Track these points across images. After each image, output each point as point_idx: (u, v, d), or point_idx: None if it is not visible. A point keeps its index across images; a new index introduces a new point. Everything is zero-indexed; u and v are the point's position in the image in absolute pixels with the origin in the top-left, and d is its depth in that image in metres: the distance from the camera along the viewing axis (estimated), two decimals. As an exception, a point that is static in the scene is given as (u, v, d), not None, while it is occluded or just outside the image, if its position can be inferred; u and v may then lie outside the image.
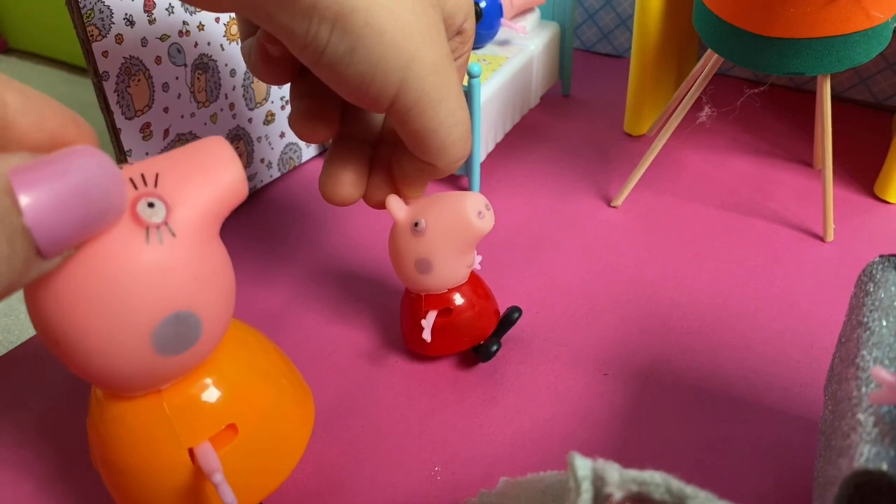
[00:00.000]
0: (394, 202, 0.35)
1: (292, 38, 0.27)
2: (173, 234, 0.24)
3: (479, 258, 0.39)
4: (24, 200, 0.19)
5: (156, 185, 0.24)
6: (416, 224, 0.34)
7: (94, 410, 0.28)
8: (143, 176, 0.24)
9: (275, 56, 0.31)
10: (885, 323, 0.26)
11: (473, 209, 0.34)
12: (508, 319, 0.38)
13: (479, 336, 0.37)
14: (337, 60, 0.27)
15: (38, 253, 0.20)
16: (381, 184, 0.35)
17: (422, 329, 0.36)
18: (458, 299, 0.36)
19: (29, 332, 0.41)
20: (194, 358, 0.26)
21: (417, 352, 0.38)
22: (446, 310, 0.36)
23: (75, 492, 0.33)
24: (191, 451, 0.27)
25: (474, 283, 0.37)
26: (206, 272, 0.25)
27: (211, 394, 0.27)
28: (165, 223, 0.24)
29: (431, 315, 0.36)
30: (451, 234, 0.34)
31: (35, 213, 0.19)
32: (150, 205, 0.23)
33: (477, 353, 0.37)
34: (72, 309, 0.23)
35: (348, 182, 0.35)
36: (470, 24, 0.32)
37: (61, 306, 0.23)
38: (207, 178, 0.25)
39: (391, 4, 0.27)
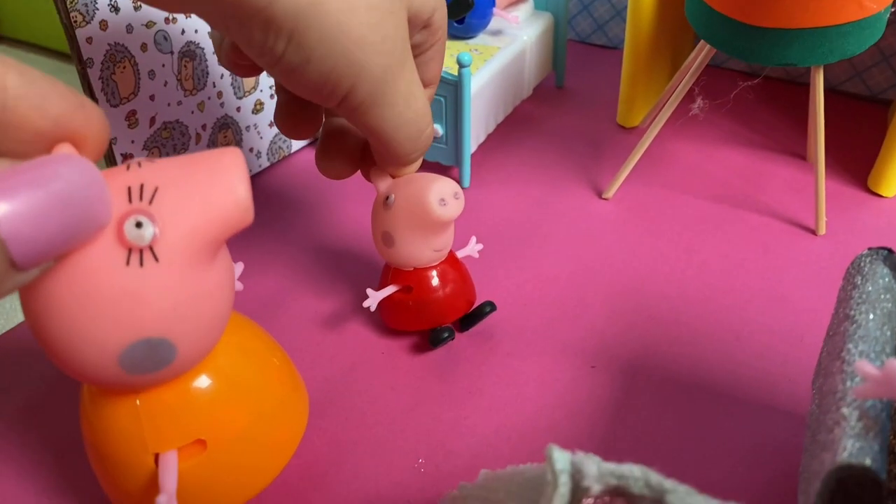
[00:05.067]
0: (377, 174, 0.36)
1: (249, 46, 0.27)
2: (156, 260, 0.22)
3: (479, 246, 0.39)
4: None
5: (151, 200, 0.22)
6: (387, 198, 0.35)
7: (83, 392, 0.28)
8: (141, 188, 0.23)
9: (244, 64, 0.32)
10: (871, 316, 0.26)
11: (436, 195, 0.33)
12: (479, 312, 0.38)
13: (439, 320, 0.37)
14: (292, 69, 0.28)
15: (12, 265, 0.19)
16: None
17: (390, 301, 0.37)
18: (423, 280, 0.36)
19: (15, 320, 0.41)
20: (168, 375, 0.25)
21: (382, 321, 0.39)
22: (407, 287, 0.36)
23: (58, 480, 0.33)
24: (157, 457, 0.26)
25: (446, 269, 0.37)
26: (188, 301, 0.23)
27: (186, 404, 0.26)
28: (150, 247, 0.22)
29: (387, 289, 0.36)
30: (413, 216, 0.34)
31: (10, 224, 0.18)
32: (139, 224, 0.22)
33: (429, 337, 0.37)
34: (44, 315, 0.22)
35: (340, 164, 0.36)
36: (439, 17, 0.33)
37: (36, 309, 0.22)
38: (208, 203, 0.23)
39: (346, 19, 0.27)
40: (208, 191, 0.23)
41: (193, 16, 0.43)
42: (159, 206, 0.23)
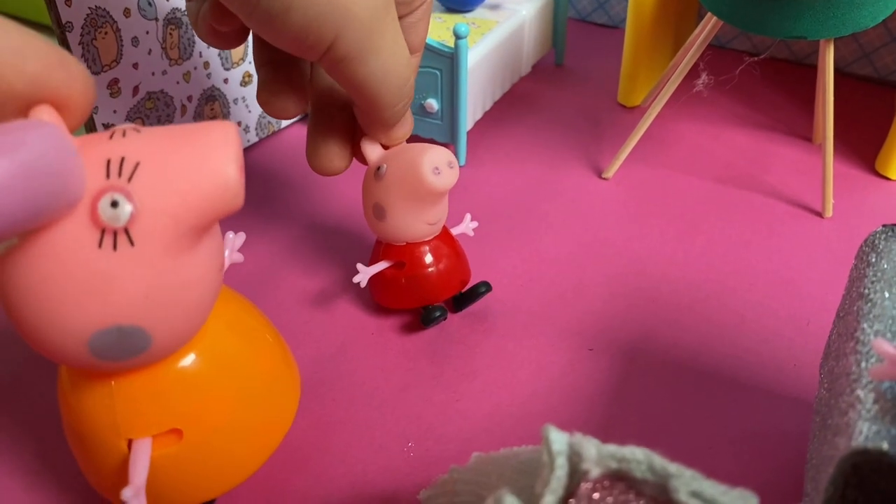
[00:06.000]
0: (368, 144, 0.34)
1: None
2: (132, 243, 0.20)
3: (473, 224, 0.38)
4: None
5: (131, 177, 0.20)
6: (378, 168, 0.33)
7: (61, 370, 0.26)
8: (121, 162, 0.20)
9: (223, 32, 0.31)
10: (887, 295, 0.24)
11: (430, 164, 0.32)
12: (474, 291, 0.36)
13: (432, 298, 0.35)
14: (271, 16, 0.26)
15: None
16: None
17: (381, 277, 0.35)
18: (415, 256, 0.35)
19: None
20: (143, 362, 0.23)
21: (374, 299, 0.38)
22: (399, 263, 0.35)
23: (35, 460, 0.31)
24: (131, 442, 0.25)
25: (440, 245, 0.35)
26: (165, 289, 0.21)
27: (164, 391, 0.25)
28: (126, 229, 0.20)
29: (378, 265, 0.35)
30: (405, 186, 0.32)
31: None
32: (114, 203, 0.20)
33: (421, 316, 0.36)
34: (12, 293, 0.21)
35: (334, 155, 0.34)
36: None
37: (4, 287, 0.21)
38: (193, 184, 0.21)
39: None
40: (194, 171, 0.21)
41: (179, -19, 0.41)
42: (139, 185, 0.20)
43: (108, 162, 0.20)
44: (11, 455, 0.32)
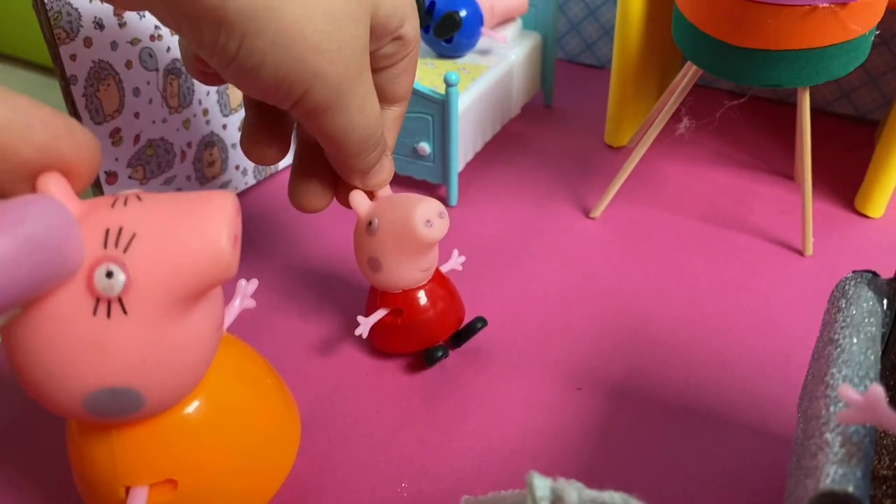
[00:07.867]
0: (357, 198, 0.35)
1: (201, 45, 0.27)
2: (125, 312, 0.21)
3: (461, 259, 0.39)
4: None
5: (127, 248, 0.21)
6: (370, 223, 0.34)
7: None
8: (119, 232, 0.21)
9: (210, 71, 0.32)
10: (855, 340, 0.25)
11: (421, 217, 0.33)
12: (471, 328, 0.38)
13: (431, 340, 0.37)
14: (245, 71, 0.27)
15: None
16: (349, 186, 0.36)
17: (380, 325, 0.36)
18: (412, 301, 0.36)
19: None
20: (139, 418, 0.24)
21: (374, 345, 0.38)
22: (397, 310, 0.36)
23: (47, 494, 0.32)
24: (128, 490, 0.26)
25: (434, 288, 0.37)
26: (158, 354, 0.22)
27: (162, 442, 0.26)
28: (119, 298, 0.21)
29: (377, 314, 0.36)
30: (399, 239, 0.34)
31: None
32: (109, 274, 0.21)
33: (424, 356, 0.37)
34: (13, 350, 0.22)
35: (313, 194, 0.36)
36: (410, 28, 0.32)
37: (7, 343, 0.22)
38: (185, 256, 0.22)
39: (300, 23, 0.26)
40: (187, 243, 0.22)
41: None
42: (134, 255, 0.21)
43: (107, 232, 0.21)
44: (22, 499, 0.33)
